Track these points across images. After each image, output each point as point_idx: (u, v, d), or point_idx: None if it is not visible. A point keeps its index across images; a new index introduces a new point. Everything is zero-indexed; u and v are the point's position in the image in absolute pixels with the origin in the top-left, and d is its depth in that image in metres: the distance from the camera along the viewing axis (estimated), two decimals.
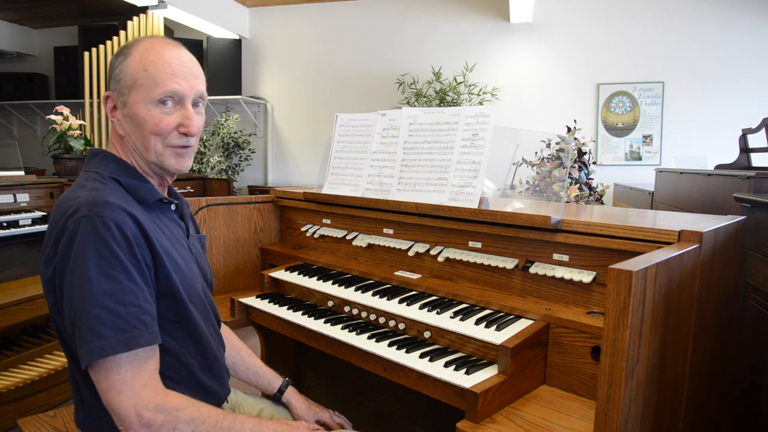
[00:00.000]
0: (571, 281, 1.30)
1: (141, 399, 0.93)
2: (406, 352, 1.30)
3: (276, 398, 1.39)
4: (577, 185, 3.10)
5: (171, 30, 5.76)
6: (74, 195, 1.00)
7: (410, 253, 1.66)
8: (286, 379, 1.41)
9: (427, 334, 1.39)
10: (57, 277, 0.96)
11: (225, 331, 1.35)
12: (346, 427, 1.40)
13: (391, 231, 1.75)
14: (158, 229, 1.07)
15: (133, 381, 0.93)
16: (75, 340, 0.93)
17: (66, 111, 3.83)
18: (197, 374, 1.12)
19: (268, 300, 1.74)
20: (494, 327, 1.25)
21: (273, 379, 1.40)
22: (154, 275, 1.02)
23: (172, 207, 1.18)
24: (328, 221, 1.96)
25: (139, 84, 1.05)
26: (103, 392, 0.93)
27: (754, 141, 2.49)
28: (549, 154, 3.04)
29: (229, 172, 5.54)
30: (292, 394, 1.40)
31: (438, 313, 1.37)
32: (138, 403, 0.93)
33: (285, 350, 2.14)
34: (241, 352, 1.40)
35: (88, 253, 0.92)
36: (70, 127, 3.82)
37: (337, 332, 1.45)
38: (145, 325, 0.95)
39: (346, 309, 1.59)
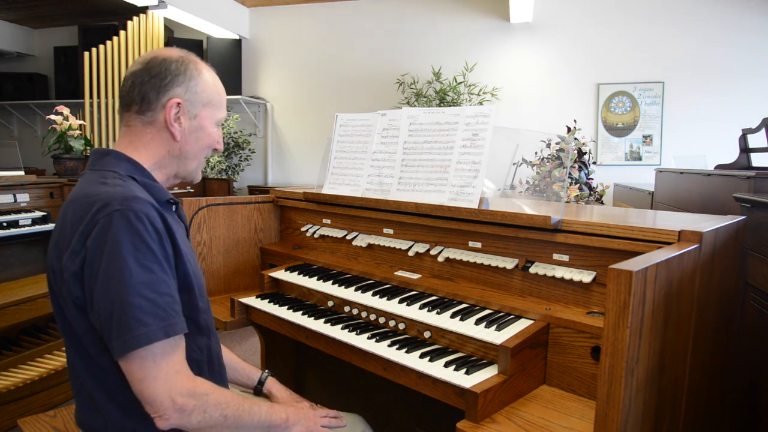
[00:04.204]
0: (571, 281, 1.30)
1: (175, 385, 0.96)
2: (406, 352, 1.30)
3: (257, 390, 1.42)
4: (577, 185, 3.10)
5: (171, 30, 5.76)
6: (95, 191, 1.01)
7: (410, 253, 1.66)
8: (266, 370, 1.44)
9: (427, 334, 1.39)
10: (86, 271, 0.96)
11: None
12: (334, 422, 1.41)
13: (391, 231, 1.75)
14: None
15: (167, 368, 0.96)
16: (108, 331, 0.94)
17: (66, 111, 3.83)
18: (204, 370, 1.14)
19: (268, 300, 1.74)
20: (494, 327, 1.25)
21: (252, 373, 1.43)
22: (175, 269, 1.05)
23: (173, 208, 1.20)
24: (328, 221, 1.96)
25: (212, 104, 1.18)
26: (138, 381, 0.95)
27: (754, 141, 2.49)
28: (549, 154, 3.04)
29: (229, 172, 5.54)
30: (272, 384, 1.43)
31: (438, 313, 1.37)
32: (172, 389, 0.96)
33: (285, 350, 2.14)
34: None
35: (124, 246, 0.94)
36: (70, 127, 3.82)
37: (337, 332, 1.45)
38: (178, 314, 1.00)
39: (346, 309, 1.59)
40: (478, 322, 1.30)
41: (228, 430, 1.04)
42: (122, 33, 4.69)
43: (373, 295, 1.54)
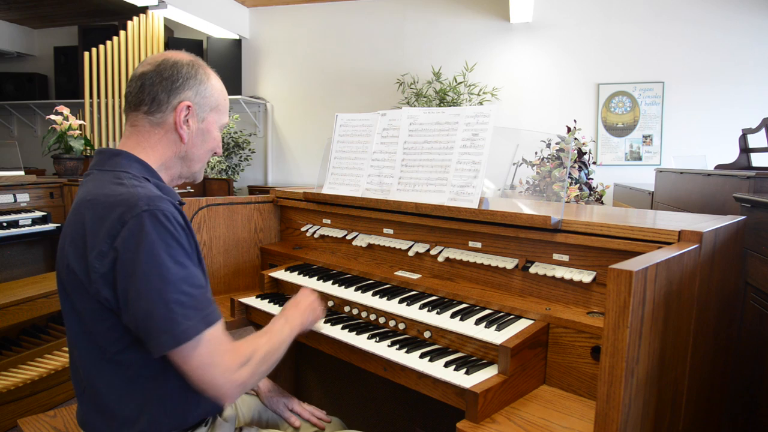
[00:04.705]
0: (571, 281, 1.30)
1: (227, 364, 1.02)
2: (406, 352, 1.30)
3: None
4: (577, 185, 3.10)
5: (171, 30, 5.76)
6: (114, 191, 1.02)
7: (410, 253, 1.66)
8: None
9: (427, 334, 1.39)
10: (120, 272, 0.97)
11: None
12: (319, 415, 1.45)
13: (391, 231, 1.75)
14: None
15: (217, 350, 1.01)
16: (149, 329, 0.96)
17: (66, 111, 3.83)
18: None
19: (268, 300, 1.74)
20: (494, 327, 1.25)
21: None
22: None
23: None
24: (328, 221, 1.97)
25: (219, 109, 1.22)
26: (194, 370, 0.99)
27: (754, 141, 2.49)
28: (549, 154, 3.04)
29: (229, 172, 5.54)
30: None
31: (438, 313, 1.37)
32: (226, 369, 1.01)
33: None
34: None
35: (158, 245, 0.97)
36: (70, 127, 3.82)
37: (337, 332, 1.45)
38: (213, 302, 1.04)
39: (346, 309, 1.59)
40: (478, 322, 1.30)
41: (273, 365, 1.15)
42: (122, 33, 4.69)
43: (373, 295, 1.54)
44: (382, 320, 1.49)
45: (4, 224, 3.12)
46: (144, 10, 4.66)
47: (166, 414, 1.04)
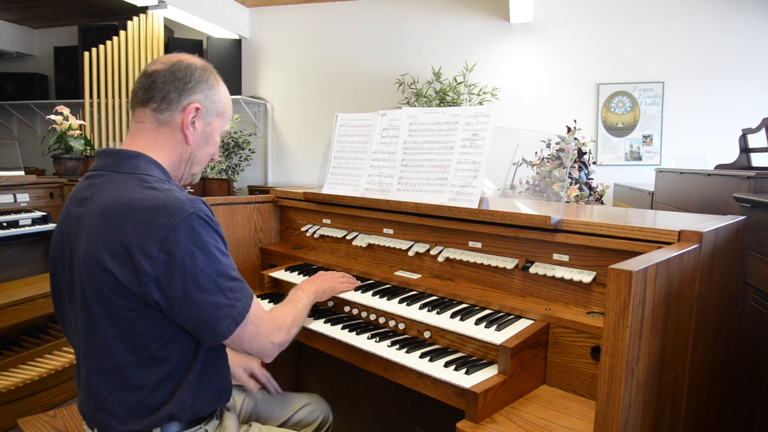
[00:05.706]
0: (571, 281, 1.30)
1: (269, 331, 1.18)
2: (406, 352, 1.30)
3: None
4: (577, 185, 3.10)
5: (171, 30, 5.76)
6: (151, 196, 1.05)
7: (410, 253, 1.66)
8: None
9: (427, 334, 1.39)
10: (175, 272, 1.01)
11: None
12: (274, 384, 1.53)
13: (391, 231, 1.75)
14: None
15: (261, 321, 1.15)
16: (209, 320, 1.05)
17: (66, 111, 3.83)
18: (223, 351, 1.23)
19: (268, 300, 1.74)
20: (494, 327, 1.25)
21: None
22: None
23: None
24: (328, 221, 1.96)
25: (224, 116, 1.27)
26: (248, 342, 1.13)
27: (754, 141, 2.49)
28: (549, 154, 3.04)
29: (229, 172, 5.54)
30: None
31: (438, 313, 1.37)
32: (269, 334, 1.18)
33: (284, 350, 2.14)
34: None
35: (210, 243, 1.06)
36: (70, 127, 3.82)
37: (337, 332, 1.45)
38: (245, 281, 1.16)
39: (346, 309, 1.59)
40: (478, 322, 1.30)
41: (299, 327, 1.32)
42: (122, 33, 4.69)
43: (373, 295, 1.54)
44: (382, 320, 1.49)
45: (4, 224, 3.12)
46: (144, 10, 4.66)
47: (191, 397, 1.10)
